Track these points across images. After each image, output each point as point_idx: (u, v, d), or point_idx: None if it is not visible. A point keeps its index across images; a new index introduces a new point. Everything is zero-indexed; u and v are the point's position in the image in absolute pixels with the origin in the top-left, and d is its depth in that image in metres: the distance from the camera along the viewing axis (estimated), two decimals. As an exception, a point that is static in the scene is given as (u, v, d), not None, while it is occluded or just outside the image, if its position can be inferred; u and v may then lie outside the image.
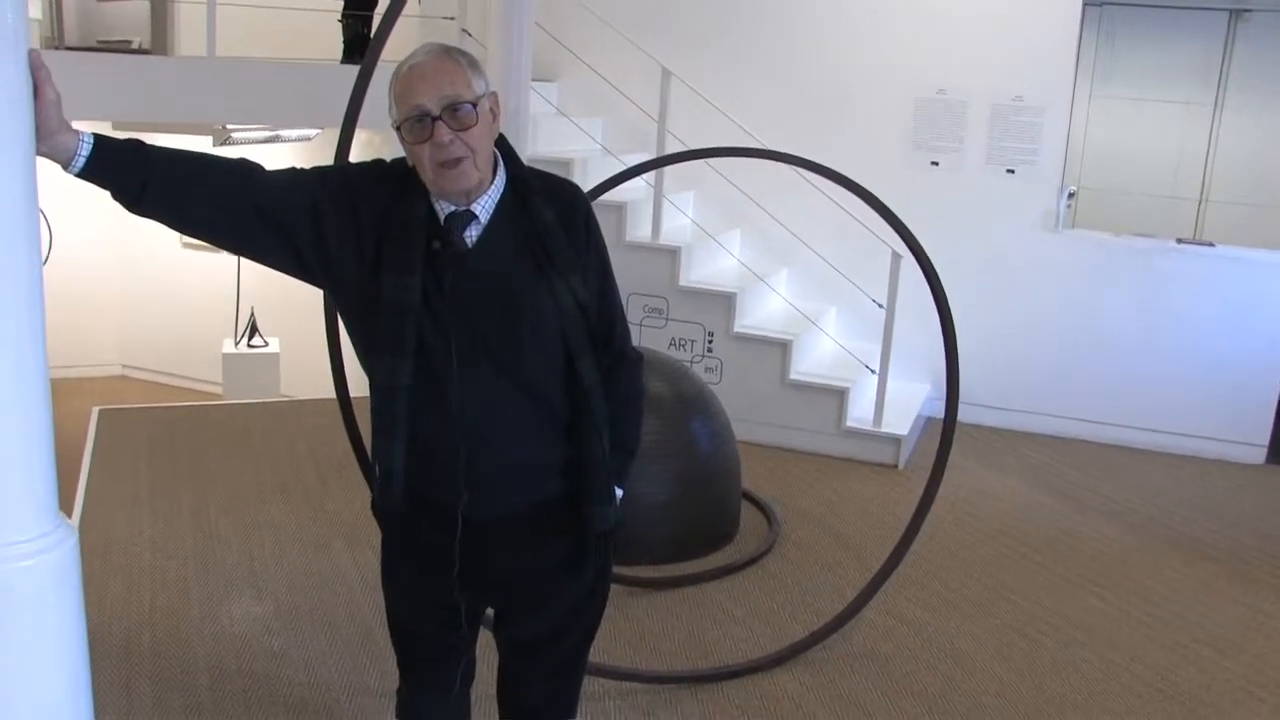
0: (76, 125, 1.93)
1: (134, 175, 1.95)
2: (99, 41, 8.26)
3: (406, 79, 2.03)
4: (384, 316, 2.05)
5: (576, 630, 2.36)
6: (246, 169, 2.07)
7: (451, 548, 2.16)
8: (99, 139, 1.93)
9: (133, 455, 5.57)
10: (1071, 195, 6.95)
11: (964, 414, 4.78)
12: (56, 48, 7.85)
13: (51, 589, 2.01)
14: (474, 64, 2.08)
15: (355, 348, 2.19)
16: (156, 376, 9.89)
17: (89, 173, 1.93)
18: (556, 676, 2.40)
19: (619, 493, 2.28)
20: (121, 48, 7.98)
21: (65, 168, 1.92)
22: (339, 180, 2.13)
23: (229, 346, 8.63)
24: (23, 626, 1.98)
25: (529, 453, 2.15)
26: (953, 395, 3.93)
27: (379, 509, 2.26)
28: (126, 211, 2.00)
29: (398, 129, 2.06)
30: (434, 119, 2.00)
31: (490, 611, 2.40)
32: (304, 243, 2.06)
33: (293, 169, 2.13)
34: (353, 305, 2.14)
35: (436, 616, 2.32)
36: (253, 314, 8.59)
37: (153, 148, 1.99)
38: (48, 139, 1.89)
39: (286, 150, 8.66)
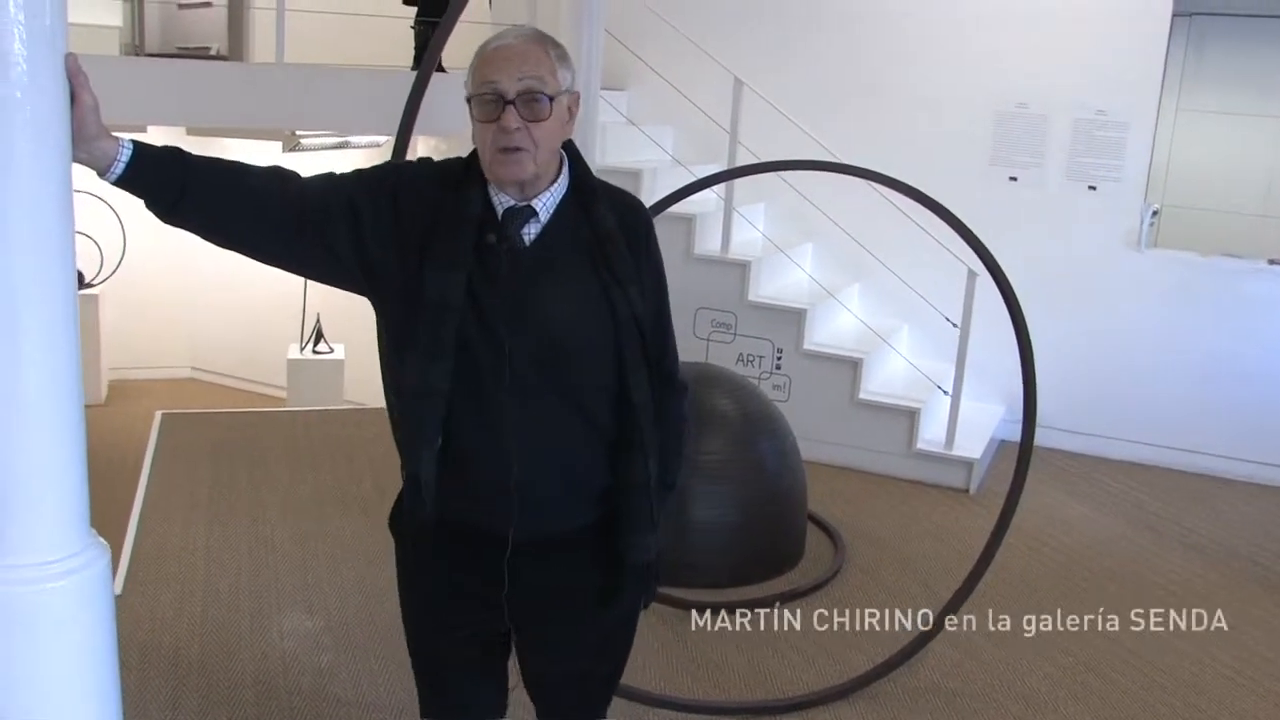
0: (152, 130, 1.87)
1: (172, 182, 1.89)
2: (179, 48, 8.39)
3: (490, 55, 1.93)
4: (424, 313, 1.92)
5: (606, 663, 2.27)
6: (282, 176, 1.99)
7: (489, 572, 2.05)
8: (139, 146, 1.86)
9: (193, 461, 5.57)
10: (1155, 213, 6.71)
11: (1039, 437, 4.58)
12: (137, 54, 7.97)
13: (82, 610, 1.93)
14: (563, 56, 1.97)
15: (386, 349, 2.08)
16: (224, 380, 9.98)
17: (126, 180, 1.86)
18: (584, 707, 2.30)
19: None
20: (200, 54, 8.08)
21: (102, 175, 1.85)
22: (378, 175, 2.04)
23: (294, 352, 8.66)
24: (52, 650, 1.91)
25: (572, 472, 2.04)
26: (1029, 418, 3.77)
27: (398, 525, 2.16)
28: (159, 220, 1.93)
29: (469, 101, 1.96)
30: (506, 102, 1.90)
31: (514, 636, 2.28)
32: (343, 248, 1.97)
33: (329, 173, 2.04)
34: (395, 308, 2.01)
35: (459, 639, 2.21)
36: (318, 320, 8.63)
37: (191, 155, 1.92)
38: (86, 145, 1.82)
39: (356, 156, 8.68)
